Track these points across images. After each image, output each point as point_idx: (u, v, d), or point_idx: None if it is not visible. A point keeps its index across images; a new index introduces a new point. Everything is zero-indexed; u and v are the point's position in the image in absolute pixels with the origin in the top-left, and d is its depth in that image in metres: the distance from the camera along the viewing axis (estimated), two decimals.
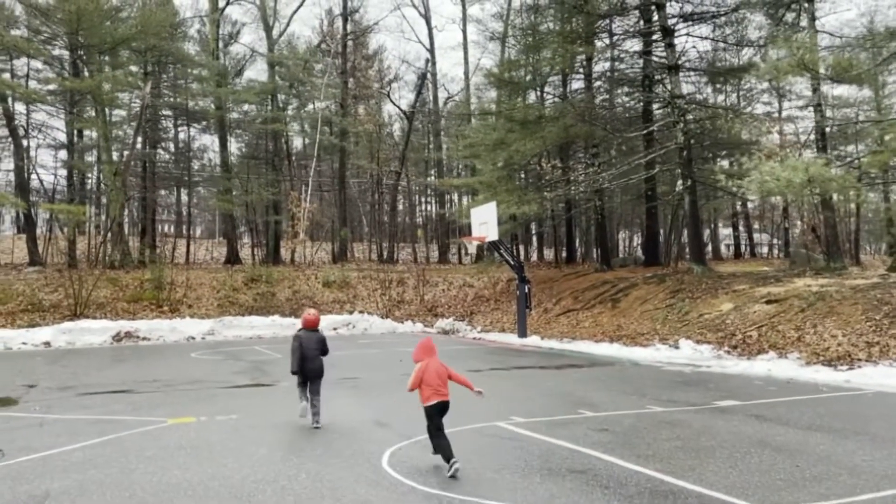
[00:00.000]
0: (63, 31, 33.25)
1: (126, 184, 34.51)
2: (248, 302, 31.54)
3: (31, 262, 34.96)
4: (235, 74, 45.53)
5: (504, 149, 26.41)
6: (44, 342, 23.47)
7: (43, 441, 8.21)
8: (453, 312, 32.12)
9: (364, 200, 53.44)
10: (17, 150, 35.91)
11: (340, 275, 35.58)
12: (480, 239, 23.65)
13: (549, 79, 36.75)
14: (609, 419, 9.29)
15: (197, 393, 12.16)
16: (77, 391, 12.51)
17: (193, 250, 44.77)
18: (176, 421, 9.37)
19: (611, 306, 25.74)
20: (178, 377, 14.49)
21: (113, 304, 28.73)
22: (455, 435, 8.27)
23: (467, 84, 46.19)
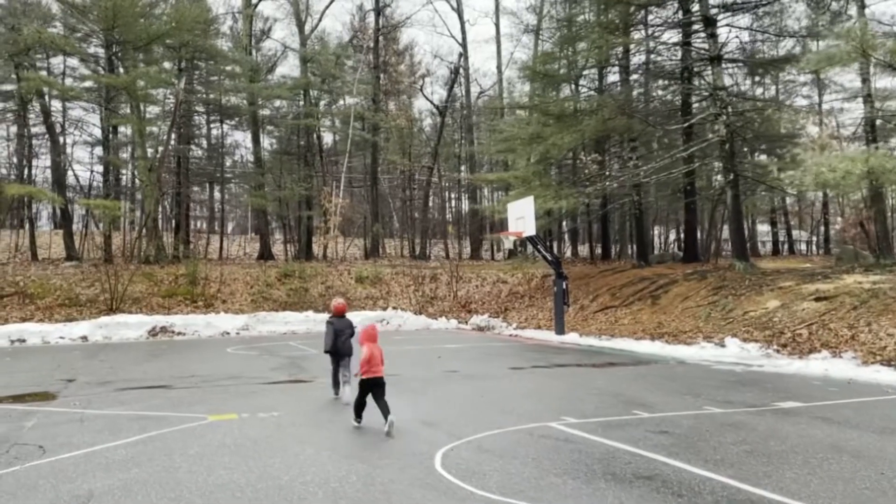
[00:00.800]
0: (99, 28, 33.49)
1: (160, 180, 34.69)
2: (281, 297, 31.51)
3: (67, 258, 35.37)
4: (267, 71, 45.64)
5: (540, 143, 25.89)
6: (81, 336, 23.61)
7: (84, 437, 8.01)
8: (487, 309, 31.71)
9: (395, 196, 53.26)
10: (54, 146, 36.36)
11: (373, 271, 35.40)
12: (517, 234, 23.21)
13: (585, 72, 36.11)
14: (666, 420, 8.83)
15: (236, 388, 11.95)
16: (116, 386, 12.38)
17: (226, 246, 44.99)
18: (217, 418, 9.13)
19: (650, 303, 25.12)
20: (215, 372, 14.32)
21: (148, 298, 28.87)
22: (506, 436, 7.91)
23: (500, 78, 45.69)
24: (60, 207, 35.63)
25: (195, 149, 44.92)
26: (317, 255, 41.61)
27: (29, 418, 9.25)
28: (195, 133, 44.92)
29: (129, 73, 32.60)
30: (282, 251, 44.69)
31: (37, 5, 36.70)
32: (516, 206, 23.65)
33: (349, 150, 39.90)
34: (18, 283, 28.40)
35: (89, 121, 41.51)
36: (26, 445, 7.57)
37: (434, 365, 15.34)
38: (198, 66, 40.55)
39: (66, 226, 37.25)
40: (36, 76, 30.80)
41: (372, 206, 44.14)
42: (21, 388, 12.18)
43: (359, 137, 41.68)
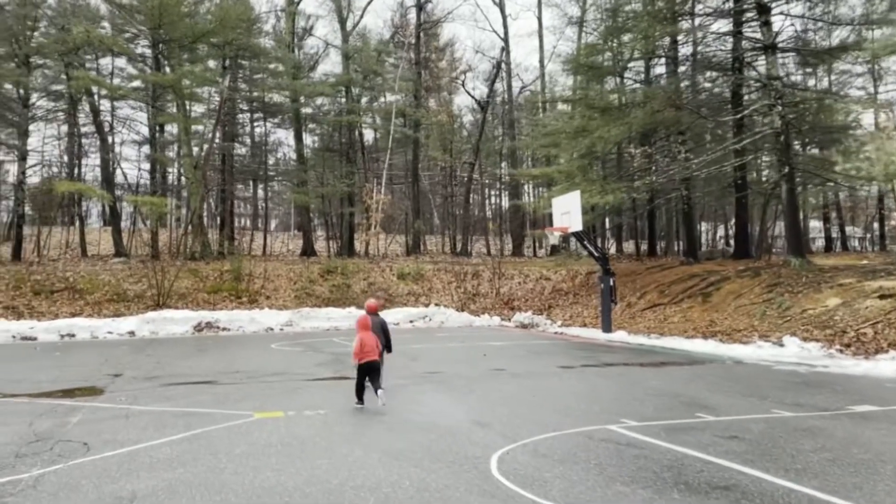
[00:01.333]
0: (146, 27, 33.92)
1: (206, 177, 35.02)
2: (324, 294, 31.49)
3: (116, 254, 36.00)
4: (310, 69, 45.75)
5: (586, 136, 25.23)
6: (128, 331, 23.86)
7: (129, 434, 7.84)
8: (530, 306, 31.19)
9: (435, 193, 52.96)
10: (103, 144, 37.02)
11: (415, 267, 35.19)
12: (563, 229, 22.64)
13: (630, 64, 35.24)
14: (735, 424, 8.27)
15: (281, 385, 11.75)
16: (162, 381, 12.31)
17: (270, 243, 45.30)
18: (263, 415, 8.90)
19: (701, 301, 24.30)
20: (260, 368, 14.18)
21: (194, 294, 29.11)
22: (564, 439, 7.48)
23: (542, 72, 44.99)
24: (109, 205, 36.28)
25: (239, 147, 45.37)
26: (359, 252, 41.58)
27: (75, 414, 9.16)
28: (239, 131, 45.35)
29: (175, 72, 32.94)
30: (324, 248, 44.81)
31: (85, 6, 37.38)
32: (561, 200, 23.07)
33: (391, 146, 39.71)
34: (68, 278, 28.92)
35: (137, 119, 42.24)
36: (70, 442, 7.43)
37: (479, 363, 14.95)
38: (241, 64, 40.83)
39: (115, 223, 37.91)
40: (85, 75, 31.37)
41: (413, 203, 43.91)
42: (69, 383, 12.19)
43: (400, 134, 41.47)
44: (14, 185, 36.36)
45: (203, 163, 35.27)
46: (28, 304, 26.88)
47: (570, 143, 26.74)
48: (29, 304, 26.82)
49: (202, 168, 35.26)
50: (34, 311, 26.41)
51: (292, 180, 42.56)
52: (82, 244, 38.93)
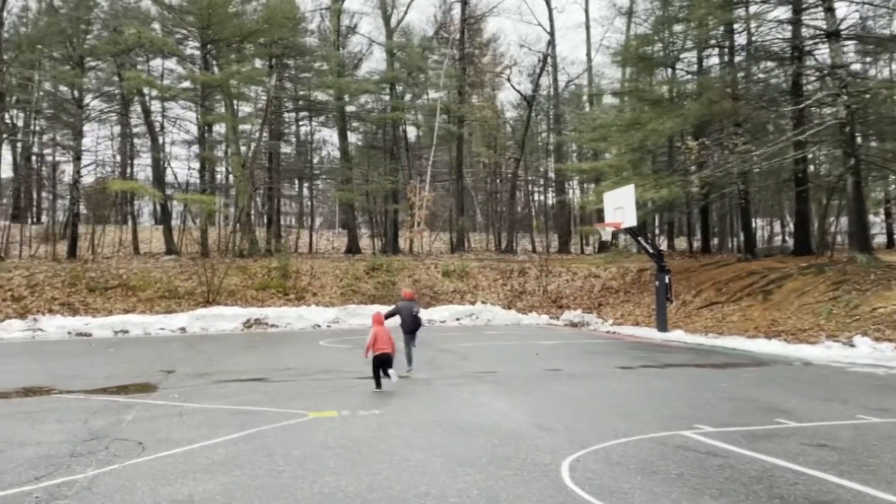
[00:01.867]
0: (196, 28, 34.31)
1: (253, 175, 35.26)
2: (369, 291, 31.39)
3: (167, 252, 36.55)
4: (354, 67, 45.77)
5: (638, 129, 24.45)
6: (180, 328, 24.10)
7: (183, 433, 7.66)
8: (579, 304, 30.55)
9: (477, 190, 52.49)
10: (154, 144, 37.60)
11: (460, 265, 34.82)
12: (615, 225, 21.99)
13: (682, 55, 34.18)
14: (821, 431, 7.68)
15: (332, 383, 11.51)
16: (214, 378, 12.20)
17: (315, 241, 45.50)
18: (317, 415, 8.63)
19: (762, 299, 23.36)
20: (310, 366, 14.00)
21: (242, 291, 29.30)
22: (637, 445, 7.00)
23: (589, 65, 44.12)
24: (160, 203, 36.88)
25: (285, 146, 45.68)
26: (403, 249, 41.44)
27: (129, 411, 9.05)
28: (285, 130, 45.65)
29: (223, 72, 33.23)
30: (368, 245, 44.82)
31: (137, 9, 38.02)
32: (614, 195, 22.42)
33: (435, 143, 39.40)
34: (122, 275, 29.40)
35: (186, 119, 42.85)
36: (125, 441, 7.27)
37: (533, 362, 14.49)
38: (287, 63, 41.04)
39: (166, 221, 38.53)
40: (137, 75, 31.90)
41: (457, 200, 43.54)
42: (123, 379, 12.17)
43: (444, 131, 41.13)
44: (70, 185, 37.20)
45: (251, 161, 35.53)
46: (83, 300, 27.39)
47: (622, 137, 25.97)
48: (84, 301, 27.33)
49: (250, 167, 35.52)
50: (89, 307, 26.90)
51: (337, 178, 42.65)
52: (135, 242, 39.65)
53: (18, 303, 26.87)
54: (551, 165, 49.06)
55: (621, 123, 26.14)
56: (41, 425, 8.14)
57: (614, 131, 26.95)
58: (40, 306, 26.63)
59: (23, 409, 9.28)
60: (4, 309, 26.34)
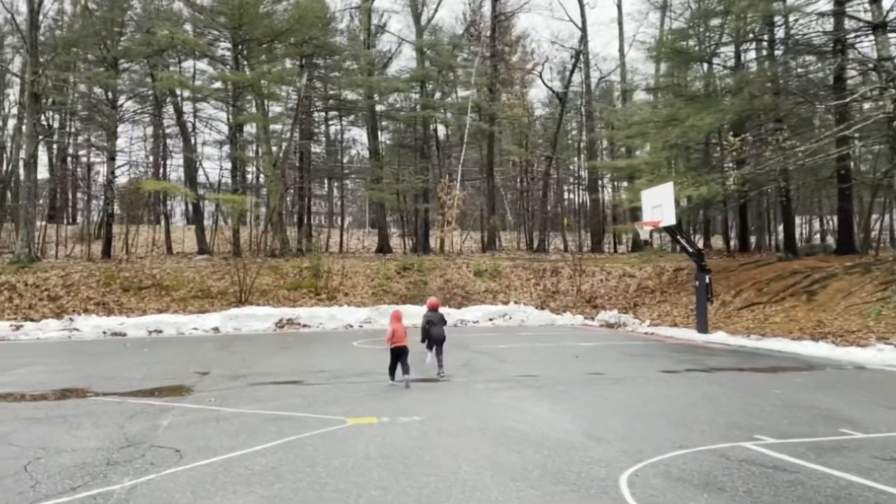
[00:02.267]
0: (227, 27, 34.40)
1: (284, 175, 35.27)
2: (401, 290, 31.19)
3: (199, 251, 36.77)
4: (383, 66, 45.62)
5: (676, 125, 23.83)
6: (213, 328, 24.12)
7: (221, 440, 7.43)
8: (614, 304, 29.98)
9: (506, 188, 51.99)
10: (186, 144, 37.83)
11: (492, 264, 34.43)
12: (654, 224, 21.43)
13: (719, 49, 33.35)
14: (890, 443, 7.17)
15: (369, 386, 11.24)
16: (249, 380, 12.02)
17: (346, 240, 45.48)
18: (357, 421, 8.36)
19: (806, 299, 22.61)
20: (345, 368, 13.77)
21: (274, 291, 29.28)
22: (697, 458, 6.59)
23: (622, 61, 43.40)
24: (192, 203, 37.11)
25: (315, 145, 45.71)
26: (434, 249, 41.19)
27: (165, 415, 8.87)
28: (314, 130, 45.68)
29: (254, 71, 33.27)
30: (398, 244, 44.65)
31: (169, 10, 38.29)
32: (652, 193, 21.85)
33: (465, 141, 39.04)
34: (155, 275, 29.58)
35: (218, 118, 43.09)
36: (162, 449, 7.06)
37: (573, 365, 14.08)
38: (317, 63, 41.03)
39: (198, 221, 38.77)
40: (170, 75, 32.09)
41: (488, 199, 43.14)
42: (158, 381, 12.05)
43: (474, 129, 40.75)
44: (104, 185, 37.61)
45: (282, 161, 35.55)
46: (117, 300, 27.60)
47: (659, 133, 25.34)
48: (118, 301, 27.53)
49: (281, 166, 35.55)
50: (123, 307, 27.09)
51: (367, 177, 42.55)
52: (167, 242, 39.98)
53: (55, 302, 27.17)
54: (583, 163, 48.42)
55: (658, 120, 25.50)
56: (77, 430, 7.99)
57: (651, 128, 26.32)
58: (76, 306, 26.89)
59: (59, 412, 9.16)
60: (41, 308, 26.66)
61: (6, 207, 39.81)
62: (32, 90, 29.72)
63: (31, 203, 30.72)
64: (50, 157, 45.28)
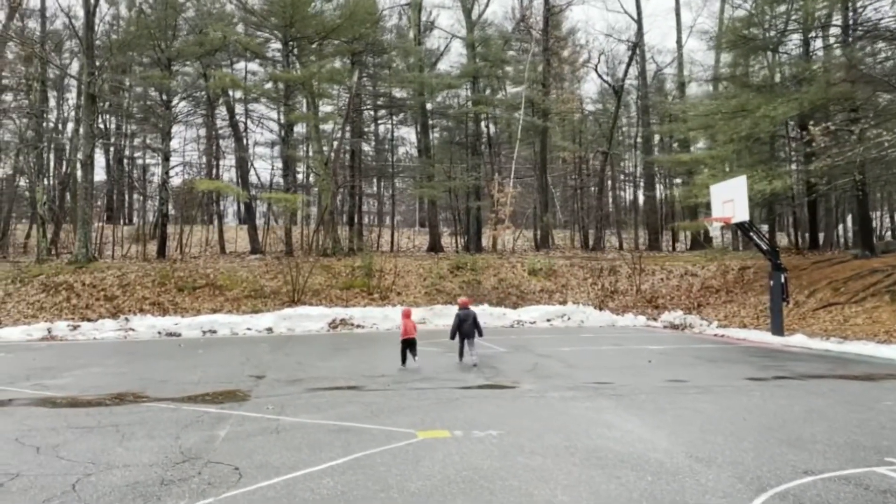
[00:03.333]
0: (279, 26, 34.25)
1: (336, 174, 34.93)
2: (454, 290, 30.50)
3: (252, 251, 36.76)
4: (432, 65, 45.01)
5: (746, 116, 22.47)
6: (266, 328, 23.82)
7: (282, 456, 6.79)
8: (677, 304, 28.70)
9: (556, 185, 50.76)
10: (238, 143, 37.84)
11: (546, 263, 33.46)
12: (725, 220, 20.19)
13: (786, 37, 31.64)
14: None
15: (434, 393, 10.52)
16: (306, 385, 11.45)
17: (396, 239, 45.03)
18: (427, 435, 7.63)
19: (889, 300, 21.06)
20: (405, 372, 13.09)
21: (327, 291, 28.92)
22: (828, 486, 5.62)
23: (680, 53, 41.82)
24: (245, 202, 37.11)
25: (365, 144, 45.37)
26: (485, 247, 40.41)
27: (222, 425, 8.31)
28: (364, 129, 45.35)
29: (305, 69, 33.01)
30: (448, 243, 43.99)
31: (221, 11, 38.38)
32: (723, 188, 20.61)
33: (519, 137, 38.07)
34: (209, 275, 29.54)
35: (269, 117, 43.10)
36: (220, 465, 6.45)
37: (648, 371, 13.11)
38: (367, 61, 40.67)
39: (250, 220, 38.79)
40: (224, 74, 32.05)
41: (541, 196, 42.07)
42: (213, 385, 11.58)
43: (527, 124, 39.77)
44: (159, 185, 37.93)
45: (333, 160, 35.23)
46: (172, 300, 27.61)
47: (727, 125, 23.95)
48: (173, 301, 27.54)
49: (332, 165, 35.24)
50: (178, 307, 27.07)
51: (417, 175, 41.99)
52: (220, 242, 40.15)
53: (111, 302, 27.32)
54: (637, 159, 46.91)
55: (726, 110, 24.11)
56: (130, 441, 7.48)
57: (718, 119, 24.93)
58: (131, 306, 26.99)
59: (112, 420, 8.69)
60: (98, 308, 26.83)
61: (65, 209, 40.53)
62: (89, 91, 30.03)
63: (88, 204, 31.07)
64: (107, 160, 46.04)
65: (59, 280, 28.22)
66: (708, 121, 26.30)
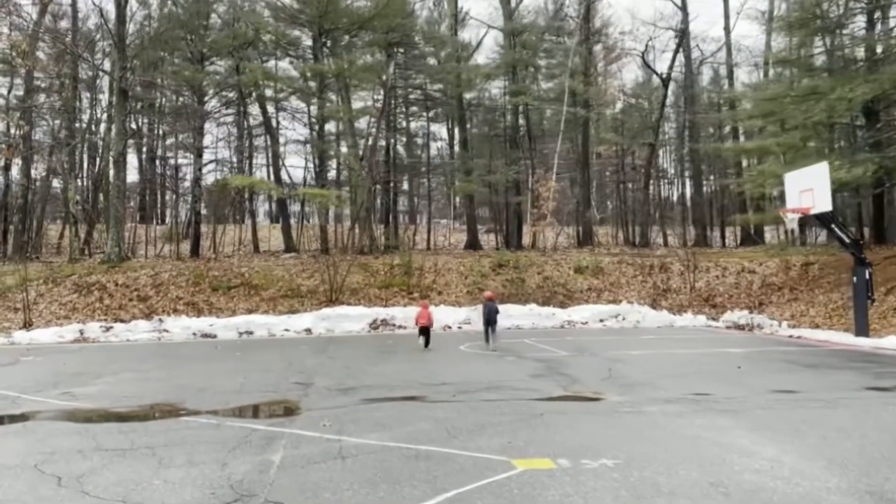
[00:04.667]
0: (311, 18, 33.13)
1: (372, 169, 33.70)
2: (497, 288, 29.07)
3: (286, 249, 35.69)
4: (467, 59, 43.62)
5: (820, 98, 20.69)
6: (305, 329, 22.67)
7: (357, 495, 5.43)
8: (736, 303, 26.95)
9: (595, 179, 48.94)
10: (272, 139, 36.82)
11: (592, 260, 31.87)
12: (803, 210, 18.47)
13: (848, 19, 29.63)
14: None
15: (511, 406, 9.11)
16: (360, 395, 10.14)
17: (433, 236, 43.73)
18: (527, 465, 6.23)
19: None
20: (467, 380, 11.71)
21: (365, 290, 27.72)
22: None
23: (728, 39, 39.92)
24: (278, 198, 36.04)
25: (400, 139, 44.14)
26: (525, 244, 38.94)
27: (274, 447, 7.02)
28: (400, 125, 44.07)
29: (338, 60, 31.83)
30: (486, 240, 42.60)
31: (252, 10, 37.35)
32: (798, 176, 18.89)
33: (562, 128, 36.43)
34: (244, 274, 28.53)
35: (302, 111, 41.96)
36: None
37: (741, 379, 11.56)
38: (401, 53, 39.36)
39: (284, 217, 37.72)
40: (256, 67, 30.87)
41: (583, 190, 40.44)
42: (257, 394, 10.34)
43: (568, 116, 38.13)
44: (192, 182, 37.02)
45: (369, 155, 34.02)
46: (207, 300, 26.63)
47: (799, 109, 22.14)
48: (208, 301, 26.56)
49: (368, 160, 34.05)
50: (213, 307, 26.08)
51: (453, 171, 40.60)
52: (254, 240, 39.21)
53: (144, 302, 26.41)
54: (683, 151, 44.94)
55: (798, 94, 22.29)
56: (168, 469, 6.21)
57: (788, 103, 23.11)
58: (165, 306, 26.04)
59: (147, 440, 7.45)
60: (131, 309, 25.93)
61: (98, 208, 39.94)
62: (120, 86, 29.19)
63: (120, 202, 30.25)
64: (139, 159, 45.54)
65: (91, 280, 27.41)
66: (773, 106, 24.38)
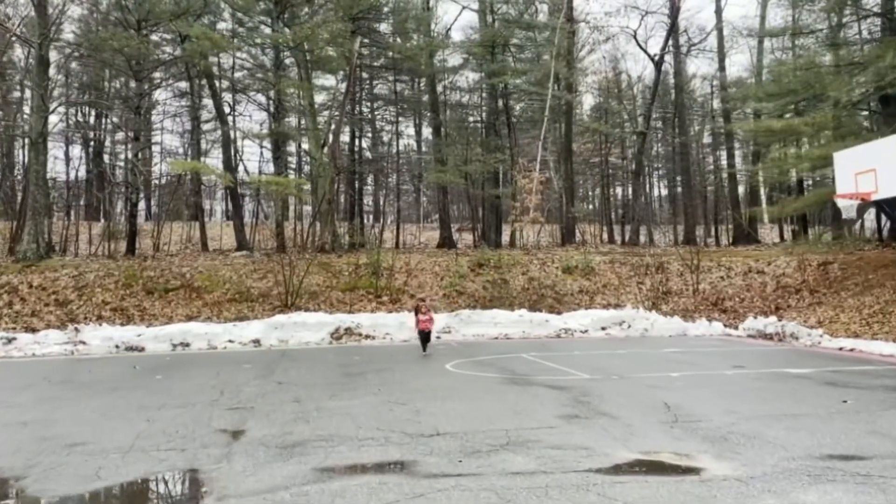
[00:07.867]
0: None
1: (336, 155, 29.76)
2: (477, 291, 25.68)
3: (238, 247, 31.59)
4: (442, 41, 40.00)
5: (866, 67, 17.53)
6: (252, 340, 18.78)
7: None
8: (748, 307, 23.89)
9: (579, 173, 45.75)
10: (221, 122, 32.61)
11: (583, 259, 28.56)
12: (863, 196, 15.27)
13: None
14: None
15: (554, 481, 5.49)
16: (312, 459, 6.41)
17: (402, 234, 39.97)
18: None
19: None
20: (471, 426, 8.03)
21: (326, 293, 23.94)
22: None
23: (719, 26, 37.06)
24: (227, 187, 31.76)
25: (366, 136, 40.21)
26: (505, 243, 35.50)
27: None
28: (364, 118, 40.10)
29: (298, 28, 27.87)
30: (458, 238, 39.06)
31: None
32: (853, 154, 15.69)
33: (547, 115, 33.00)
34: (185, 274, 24.52)
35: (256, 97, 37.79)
36: None
37: (863, 420, 8.15)
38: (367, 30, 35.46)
39: (237, 212, 33.46)
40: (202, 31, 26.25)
41: (567, 183, 37.11)
42: (150, 460, 6.54)
43: (554, 101, 34.73)
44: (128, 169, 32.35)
45: (333, 140, 30.09)
46: (139, 305, 22.57)
47: (837, 81, 18.93)
48: (139, 306, 22.49)
49: (331, 146, 30.15)
50: (145, 313, 22.05)
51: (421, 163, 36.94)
52: (202, 237, 34.89)
53: (63, 308, 22.22)
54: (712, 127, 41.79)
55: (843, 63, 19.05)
56: None
57: (826, 73, 19.90)
58: (88, 312, 21.91)
59: None
60: (46, 316, 21.72)
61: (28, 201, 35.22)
62: (40, 53, 24.84)
63: (39, 191, 25.84)
64: (87, 153, 41.12)
65: (0, 281, 23.09)
66: (808, 77, 20.75)
